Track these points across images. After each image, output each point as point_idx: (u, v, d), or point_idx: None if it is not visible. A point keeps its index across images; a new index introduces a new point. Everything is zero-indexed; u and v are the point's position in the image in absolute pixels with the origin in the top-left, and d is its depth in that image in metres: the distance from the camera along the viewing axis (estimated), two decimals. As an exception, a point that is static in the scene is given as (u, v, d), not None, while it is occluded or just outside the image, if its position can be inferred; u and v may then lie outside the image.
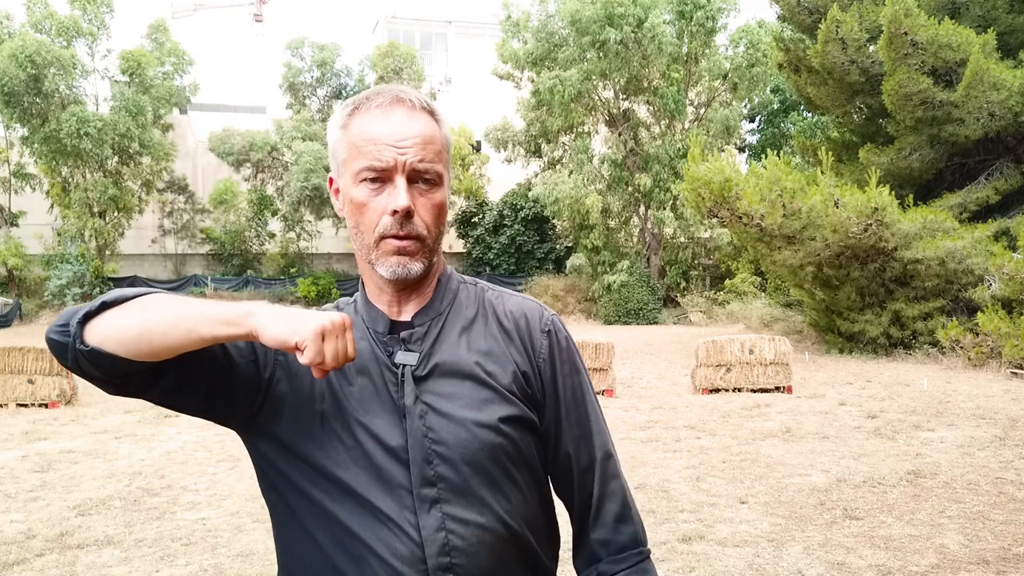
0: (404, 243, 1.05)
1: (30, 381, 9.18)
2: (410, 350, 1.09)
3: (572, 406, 1.16)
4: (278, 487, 1.10)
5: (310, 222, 33.91)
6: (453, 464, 1.05)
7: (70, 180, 29.67)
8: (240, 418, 1.09)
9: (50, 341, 0.97)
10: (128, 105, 28.94)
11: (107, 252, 30.75)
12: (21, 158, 30.48)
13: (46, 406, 9.21)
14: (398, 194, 1.03)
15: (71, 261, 28.97)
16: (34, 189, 30.98)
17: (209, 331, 0.93)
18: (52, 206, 30.47)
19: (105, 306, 0.97)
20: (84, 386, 10.59)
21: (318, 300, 31.78)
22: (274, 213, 34.31)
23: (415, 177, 1.05)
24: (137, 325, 0.94)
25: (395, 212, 1.03)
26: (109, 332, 0.94)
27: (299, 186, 30.77)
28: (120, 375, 0.98)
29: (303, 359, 0.89)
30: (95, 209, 29.69)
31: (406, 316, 1.12)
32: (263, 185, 34.53)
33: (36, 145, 28.48)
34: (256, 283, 33.08)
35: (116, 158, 29.94)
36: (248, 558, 4.18)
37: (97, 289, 29.44)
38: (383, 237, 1.05)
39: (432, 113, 1.08)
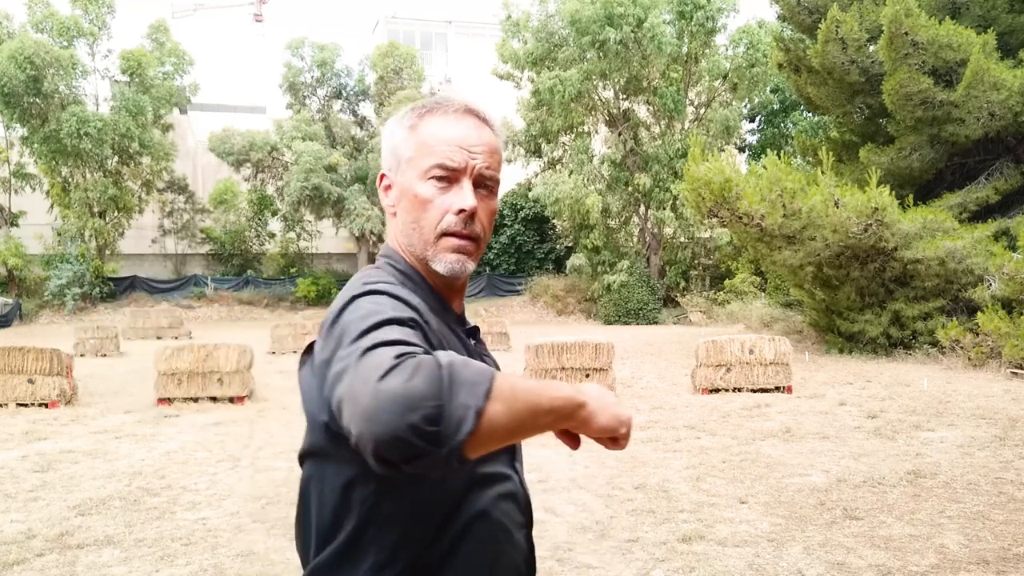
0: (464, 242, 1.09)
1: (30, 381, 9.17)
2: (480, 342, 1.21)
3: None
4: (415, 495, 1.02)
5: (310, 222, 33.91)
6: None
7: (70, 180, 29.69)
8: None
9: (399, 441, 0.76)
10: (128, 105, 28.95)
11: (107, 252, 30.77)
12: (21, 158, 30.49)
13: (46, 406, 9.20)
14: (465, 194, 1.08)
15: (71, 261, 28.98)
16: (34, 189, 31.00)
17: (548, 428, 0.90)
18: (52, 206, 30.49)
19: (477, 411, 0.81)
20: (84, 386, 10.58)
21: (318, 300, 31.79)
22: (274, 213, 34.32)
23: (479, 182, 1.11)
24: (506, 435, 0.83)
25: (461, 211, 1.08)
26: (485, 442, 0.81)
27: (299, 186, 30.76)
28: None
29: (617, 447, 0.96)
30: (95, 209, 29.71)
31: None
32: (263, 185, 34.55)
33: (36, 145, 28.50)
34: (256, 283, 33.09)
35: (116, 158, 29.96)
36: (248, 558, 4.18)
37: (96, 289, 29.43)
38: (445, 234, 1.09)
39: (493, 128, 1.15)
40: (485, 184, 1.11)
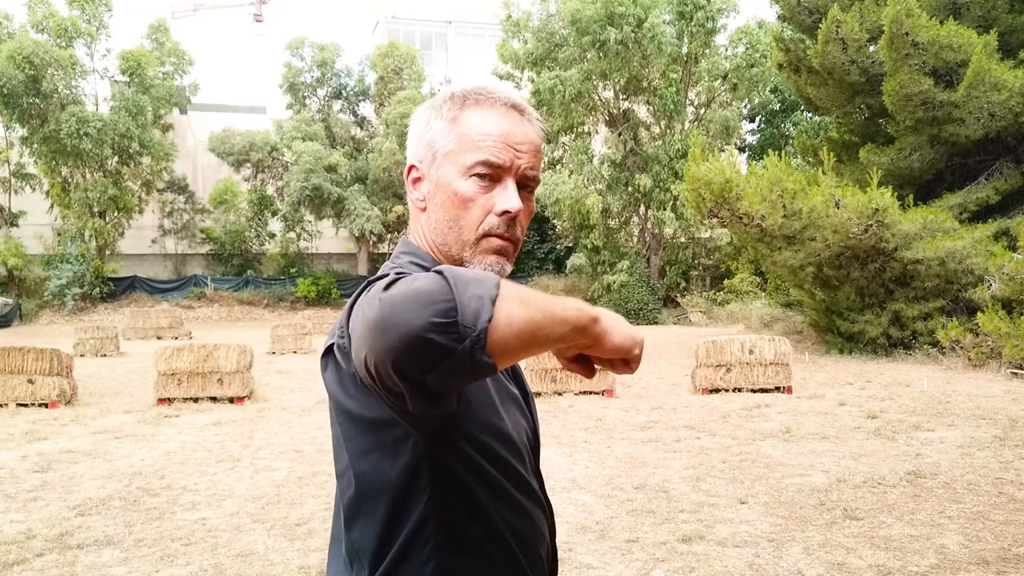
0: (505, 244, 1.04)
1: (30, 381, 9.17)
2: None
3: None
4: (470, 488, 0.97)
5: (310, 222, 33.92)
6: (537, 453, 1.14)
7: (70, 180, 29.70)
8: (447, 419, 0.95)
9: (424, 341, 0.71)
10: (128, 105, 28.94)
11: (107, 252, 30.76)
12: (21, 158, 30.49)
13: (46, 406, 9.20)
14: (510, 195, 1.02)
15: (71, 261, 28.98)
16: (34, 189, 30.99)
17: (566, 340, 0.81)
18: (52, 206, 30.50)
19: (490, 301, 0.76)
20: (84, 386, 10.58)
21: (318, 300, 31.79)
22: (274, 213, 34.33)
23: (522, 182, 1.04)
24: (528, 337, 0.76)
25: (505, 212, 1.01)
26: (508, 340, 0.75)
27: (299, 186, 30.77)
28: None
29: (627, 371, 0.88)
30: (95, 209, 29.71)
31: None
32: (263, 185, 34.56)
33: (36, 145, 28.50)
34: (256, 283, 33.07)
35: (116, 158, 29.96)
36: (248, 558, 4.18)
37: (96, 289, 29.43)
38: (487, 235, 1.03)
39: (536, 125, 1.09)
40: (527, 185, 1.05)
